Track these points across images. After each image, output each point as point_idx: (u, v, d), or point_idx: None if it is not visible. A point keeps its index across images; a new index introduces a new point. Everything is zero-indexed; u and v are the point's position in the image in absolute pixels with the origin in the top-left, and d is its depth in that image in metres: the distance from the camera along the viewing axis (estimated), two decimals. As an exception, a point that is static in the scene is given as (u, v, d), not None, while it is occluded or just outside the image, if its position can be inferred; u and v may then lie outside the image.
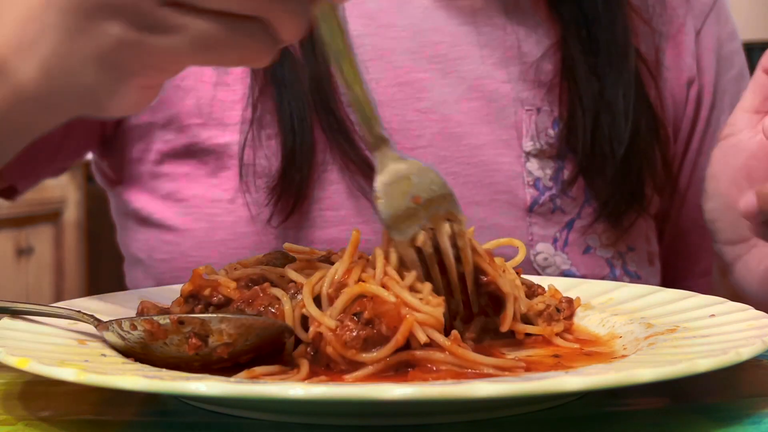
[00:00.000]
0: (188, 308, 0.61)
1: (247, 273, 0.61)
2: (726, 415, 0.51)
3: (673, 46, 0.95)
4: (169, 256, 0.89)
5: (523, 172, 0.89)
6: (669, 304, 0.67)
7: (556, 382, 0.45)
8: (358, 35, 0.88)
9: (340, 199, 0.86)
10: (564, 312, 0.67)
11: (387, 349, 0.54)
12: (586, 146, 0.88)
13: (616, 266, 0.91)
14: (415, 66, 0.89)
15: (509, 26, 0.91)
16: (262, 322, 0.55)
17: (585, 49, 0.90)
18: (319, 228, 0.86)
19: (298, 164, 0.85)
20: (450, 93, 0.89)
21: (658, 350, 0.55)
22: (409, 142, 0.88)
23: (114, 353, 0.56)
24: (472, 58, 0.90)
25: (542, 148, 0.89)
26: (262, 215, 0.86)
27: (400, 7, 0.90)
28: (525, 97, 0.90)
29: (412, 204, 0.60)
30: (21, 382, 0.58)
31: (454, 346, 0.54)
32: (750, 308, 0.61)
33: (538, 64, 0.90)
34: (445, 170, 0.86)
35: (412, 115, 0.88)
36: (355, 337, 0.54)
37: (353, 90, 0.60)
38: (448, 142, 0.88)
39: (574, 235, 0.89)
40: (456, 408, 0.49)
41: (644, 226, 0.94)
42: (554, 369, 0.57)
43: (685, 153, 0.98)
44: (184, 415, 0.52)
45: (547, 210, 0.89)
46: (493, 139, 0.89)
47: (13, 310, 0.61)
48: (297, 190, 0.85)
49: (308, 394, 0.43)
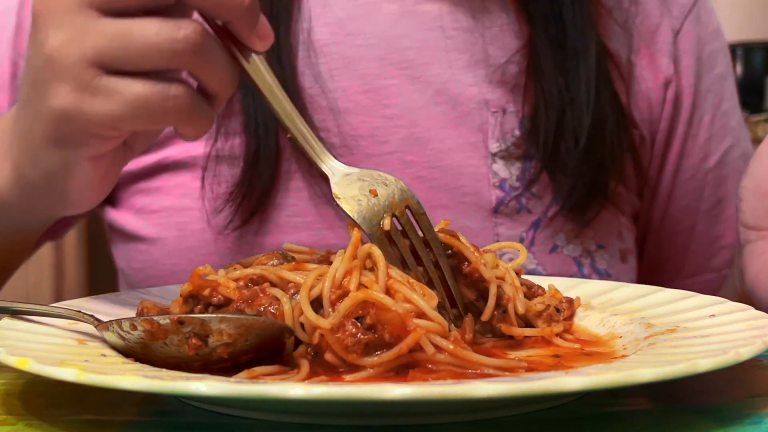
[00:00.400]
0: (188, 308, 0.61)
1: (247, 273, 0.61)
2: (726, 415, 0.51)
3: (648, 47, 0.96)
4: (143, 265, 0.92)
5: (489, 174, 0.89)
6: (669, 304, 0.67)
7: (556, 382, 0.45)
8: (326, 44, 0.90)
9: (306, 206, 0.88)
10: (564, 312, 0.67)
11: (390, 355, 0.54)
12: (548, 142, 0.89)
13: (584, 264, 0.91)
14: (382, 73, 0.90)
15: (476, 30, 0.91)
16: (261, 322, 0.55)
17: (552, 44, 0.90)
18: (285, 234, 0.88)
19: (260, 169, 0.86)
20: (417, 98, 0.90)
21: (658, 350, 0.55)
22: (375, 148, 0.89)
23: (114, 353, 0.56)
24: (439, 63, 0.91)
25: (508, 149, 0.90)
26: (215, 221, 0.88)
27: (367, 15, 0.91)
28: (491, 99, 0.90)
29: (372, 197, 0.63)
30: (21, 382, 0.58)
31: (457, 349, 0.54)
32: (750, 308, 0.61)
33: (505, 66, 0.91)
34: (411, 175, 0.88)
35: (378, 121, 0.89)
36: (356, 341, 0.54)
37: (293, 124, 0.63)
38: (415, 147, 0.89)
39: (541, 235, 0.90)
40: (456, 408, 0.49)
41: (616, 224, 0.94)
42: (554, 369, 0.57)
43: (665, 155, 0.98)
44: (184, 415, 0.52)
45: (512, 210, 0.89)
46: (460, 142, 0.90)
47: (13, 310, 0.61)
48: (259, 195, 0.87)
49: (308, 394, 0.43)
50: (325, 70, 0.89)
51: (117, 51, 0.57)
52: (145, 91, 0.58)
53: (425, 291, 0.58)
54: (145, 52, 0.57)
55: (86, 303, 0.67)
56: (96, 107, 0.58)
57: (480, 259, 0.64)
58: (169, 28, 0.57)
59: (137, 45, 0.57)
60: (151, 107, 0.58)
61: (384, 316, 0.54)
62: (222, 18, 0.60)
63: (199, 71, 0.60)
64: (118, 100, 0.58)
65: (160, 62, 0.58)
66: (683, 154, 0.97)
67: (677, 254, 1.00)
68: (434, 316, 0.56)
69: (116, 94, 0.58)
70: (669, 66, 0.96)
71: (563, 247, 0.91)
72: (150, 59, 0.58)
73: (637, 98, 0.95)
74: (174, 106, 0.59)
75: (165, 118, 0.60)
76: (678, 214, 0.99)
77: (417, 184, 0.88)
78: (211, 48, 0.59)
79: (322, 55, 0.89)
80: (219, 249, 0.88)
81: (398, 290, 0.57)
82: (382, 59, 0.90)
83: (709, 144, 0.98)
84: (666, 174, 0.98)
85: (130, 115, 0.59)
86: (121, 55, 0.57)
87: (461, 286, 0.64)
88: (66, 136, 0.61)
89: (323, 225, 0.88)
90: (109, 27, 0.57)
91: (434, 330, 0.55)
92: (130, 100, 0.58)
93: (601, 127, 0.90)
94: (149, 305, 0.63)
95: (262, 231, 0.88)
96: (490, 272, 0.64)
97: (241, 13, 0.59)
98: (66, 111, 0.59)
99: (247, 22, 0.60)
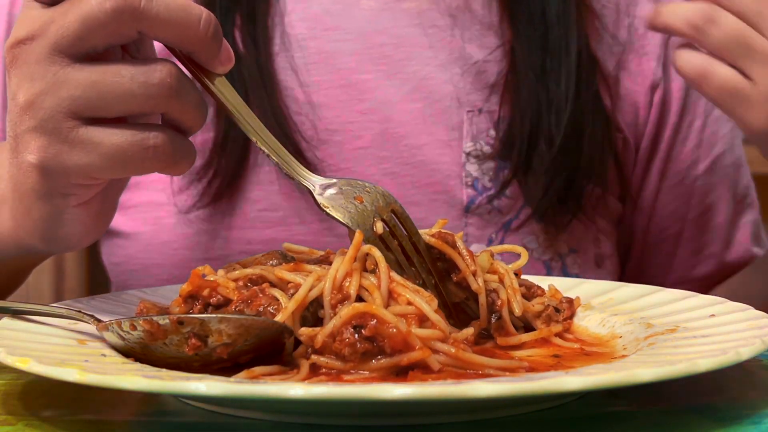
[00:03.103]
0: (187, 308, 0.60)
1: (246, 273, 0.61)
2: (726, 415, 0.51)
3: (637, 50, 0.95)
4: (121, 260, 0.93)
5: (462, 172, 0.89)
6: (669, 304, 0.67)
7: (556, 382, 0.45)
8: (303, 38, 0.90)
9: (277, 200, 0.88)
10: (564, 312, 0.67)
11: (388, 363, 0.54)
12: (523, 144, 0.88)
13: (554, 269, 0.91)
14: (359, 67, 0.90)
15: (455, 28, 0.91)
16: (261, 322, 0.55)
17: (534, 47, 0.90)
18: (256, 229, 0.88)
19: (228, 151, 0.86)
20: (393, 94, 0.90)
21: (658, 350, 0.55)
22: (349, 142, 0.89)
23: (114, 353, 0.56)
24: (417, 59, 0.90)
25: (482, 149, 0.89)
26: (180, 200, 0.88)
27: (345, 10, 0.91)
28: (467, 98, 0.90)
29: (358, 203, 0.63)
30: (21, 382, 0.58)
31: (459, 352, 0.54)
32: (750, 308, 0.61)
33: (483, 66, 0.91)
34: (384, 171, 0.88)
35: (353, 116, 0.89)
36: (353, 352, 0.54)
37: (261, 138, 0.63)
38: (389, 143, 0.89)
39: (511, 237, 0.89)
40: (456, 408, 0.49)
41: (592, 228, 0.93)
42: (554, 369, 0.57)
43: (650, 160, 0.97)
44: (184, 415, 0.52)
45: (484, 211, 0.89)
46: (434, 139, 0.90)
47: (13, 310, 0.61)
48: (227, 177, 0.87)
49: (308, 394, 0.43)
50: (301, 64, 0.89)
51: (92, 100, 0.57)
52: (124, 141, 0.58)
53: (425, 293, 0.58)
54: (121, 98, 0.57)
55: (86, 303, 0.67)
56: (75, 160, 0.58)
57: (470, 267, 0.63)
58: (143, 73, 0.57)
59: (113, 92, 0.57)
60: (131, 157, 0.58)
61: (385, 330, 0.54)
62: (186, 50, 0.60)
63: (175, 112, 0.60)
64: (98, 152, 0.58)
65: (135, 107, 0.58)
66: (669, 159, 0.96)
67: (663, 261, 0.99)
68: (436, 320, 0.56)
69: (95, 145, 0.58)
70: (657, 69, 0.95)
71: (533, 250, 0.90)
72: (126, 105, 0.58)
73: (623, 102, 0.94)
74: (154, 155, 0.59)
75: (147, 166, 0.60)
76: (664, 220, 0.98)
77: (389, 180, 0.88)
78: (185, 88, 0.59)
79: (299, 49, 0.89)
80: (190, 243, 0.88)
81: (401, 293, 0.57)
82: (359, 54, 0.90)
83: (698, 150, 0.97)
84: (651, 179, 0.97)
85: (110, 166, 0.59)
86: (97, 104, 0.57)
87: (451, 285, 0.64)
88: (50, 188, 0.61)
89: (295, 219, 0.88)
90: (83, 76, 0.57)
91: (435, 337, 0.55)
92: (110, 151, 0.58)
93: (579, 131, 0.89)
94: (149, 305, 0.63)
95: (233, 225, 0.88)
96: (477, 283, 0.63)
97: (206, 44, 0.59)
98: (46, 165, 0.59)
99: (211, 51, 0.60)
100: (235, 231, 0.88)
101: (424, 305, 0.56)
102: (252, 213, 0.88)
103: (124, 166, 0.59)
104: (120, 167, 0.59)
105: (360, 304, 0.55)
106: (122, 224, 0.91)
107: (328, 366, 0.54)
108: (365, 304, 0.55)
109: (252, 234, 0.88)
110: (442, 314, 0.57)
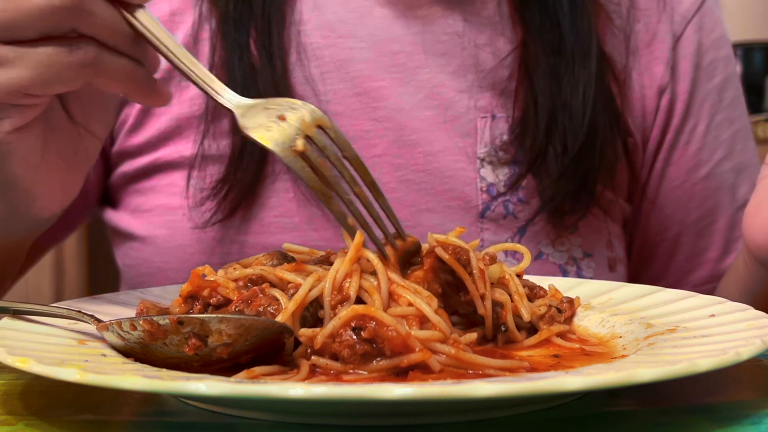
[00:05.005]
0: (187, 308, 0.61)
1: (246, 273, 0.61)
2: (726, 415, 0.51)
3: (646, 54, 0.95)
4: (135, 262, 0.93)
5: (477, 178, 0.89)
6: (669, 304, 0.67)
7: (556, 382, 0.45)
8: (318, 47, 0.90)
9: (293, 207, 0.88)
10: (565, 312, 0.67)
11: (388, 364, 0.54)
12: (536, 147, 0.88)
13: (569, 272, 0.91)
14: (373, 75, 0.90)
15: (468, 34, 0.91)
16: (261, 322, 0.55)
17: (547, 49, 0.90)
18: (271, 234, 0.88)
19: (244, 165, 0.87)
20: (407, 101, 0.90)
21: (658, 350, 0.55)
22: (365, 150, 0.89)
23: (114, 353, 0.56)
24: (430, 66, 0.91)
25: (497, 154, 0.90)
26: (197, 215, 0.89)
27: (359, 18, 0.91)
28: (480, 104, 0.90)
29: (280, 122, 0.62)
30: (21, 382, 0.58)
31: (459, 353, 0.54)
32: (750, 308, 0.61)
33: (496, 71, 0.91)
34: (399, 178, 0.88)
35: (368, 124, 0.89)
36: (352, 353, 0.54)
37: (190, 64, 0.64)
38: (404, 150, 0.89)
39: (527, 241, 0.89)
40: (456, 408, 0.49)
41: (605, 231, 0.93)
42: (554, 369, 0.57)
43: (653, 163, 0.97)
44: (184, 415, 0.52)
45: (499, 215, 0.89)
46: (449, 146, 0.90)
47: (13, 310, 0.61)
48: (242, 190, 0.87)
49: (308, 394, 0.43)
50: (316, 72, 0.89)
51: (8, 18, 0.60)
52: (47, 51, 0.61)
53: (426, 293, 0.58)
54: (28, 13, 0.60)
55: (86, 303, 0.67)
56: (2, 76, 0.61)
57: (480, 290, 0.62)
58: None
59: (21, 9, 0.60)
60: (56, 65, 0.61)
61: (384, 333, 0.54)
62: None
63: (87, 27, 0.62)
64: (23, 65, 0.61)
65: (46, 22, 0.61)
66: (669, 162, 0.96)
67: (660, 263, 0.99)
68: (437, 321, 0.56)
69: (19, 59, 0.61)
70: (665, 74, 0.95)
71: (549, 255, 0.90)
72: (36, 20, 0.60)
73: (632, 104, 0.95)
74: (79, 60, 0.62)
75: (75, 75, 0.62)
76: (663, 222, 0.98)
77: (405, 187, 0.89)
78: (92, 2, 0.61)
79: (313, 58, 0.90)
80: (206, 248, 0.89)
81: (401, 294, 0.57)
82: (373, 62, 0.90)
83: (699, 154, 0.96)
84: (652, 181, 0.97)
85: (38, 77, 0.62)
86: (14, 21, 0.60)
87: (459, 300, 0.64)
88: None
89: (309, 226, 0.88)
90: None
91: (435, 338, 0.55)
92: (34, 62, 0.61)
93: (593, 133, 0.89)
94: (149, 305, 0.63)
95: (249, 230, 0.88)
96: (485, 307, 0.62)
97: None
98: None
99: None
100: (251, 236, 0.88)
101: (424, 306, 0.56)
102: (267, 219, 0.88)
103: (53, 75, 0.62)
104: (49, 78, 0.62)
105: (359, 305, 0.55)
106: (137, 227, 0.92)
107: (328, 367, 0.54)
108: (364, 306, 0.55)
109: (268, 239, 0.88)
110: (442, 314, 0.57)
